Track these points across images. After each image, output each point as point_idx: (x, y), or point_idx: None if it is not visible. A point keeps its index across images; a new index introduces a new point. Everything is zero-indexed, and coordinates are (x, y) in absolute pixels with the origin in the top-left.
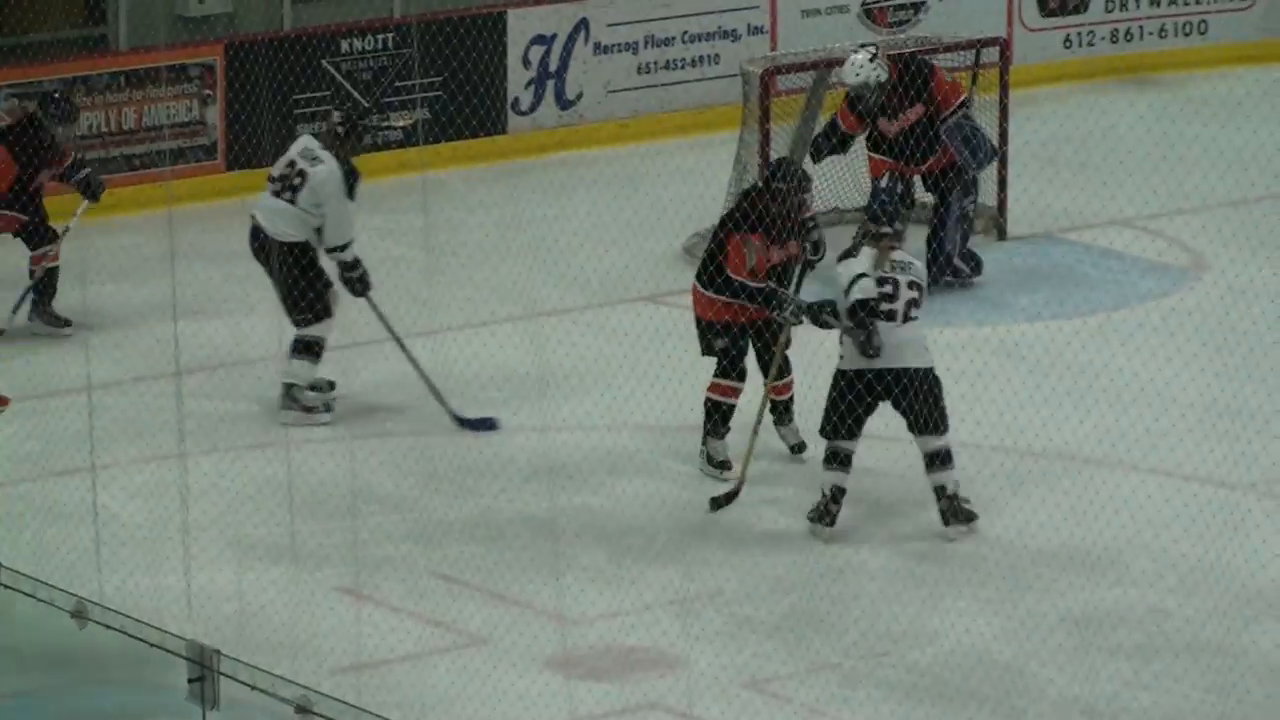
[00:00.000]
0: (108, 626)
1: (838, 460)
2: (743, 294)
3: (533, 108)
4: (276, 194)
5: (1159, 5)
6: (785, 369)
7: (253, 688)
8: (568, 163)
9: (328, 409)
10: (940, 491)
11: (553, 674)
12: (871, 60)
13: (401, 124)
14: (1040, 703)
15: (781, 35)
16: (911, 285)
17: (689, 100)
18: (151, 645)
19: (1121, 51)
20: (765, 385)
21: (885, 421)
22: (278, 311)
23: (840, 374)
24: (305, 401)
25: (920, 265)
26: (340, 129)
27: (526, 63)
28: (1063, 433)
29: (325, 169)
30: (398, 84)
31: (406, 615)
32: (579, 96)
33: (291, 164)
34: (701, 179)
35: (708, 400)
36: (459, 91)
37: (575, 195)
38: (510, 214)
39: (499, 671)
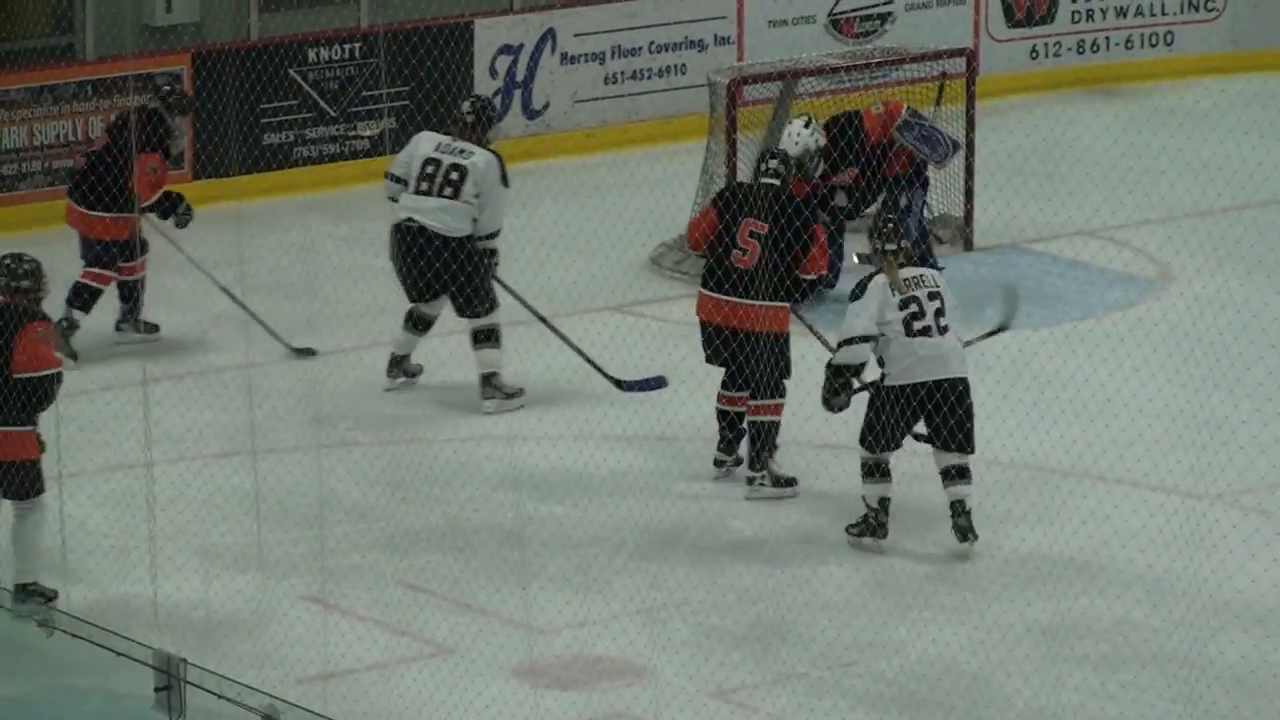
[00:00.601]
0: (75, 635)
1: (879, 472)
2: (812, 291)
3: (500, 117)
4: (428, 193)
5: (1125, 16)
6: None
7: (220, 696)
8: (534, 172)
9: (522, 392)
10: (960, 506)
11: (519, 683)
12: (807, 126)
13: (368, 134)
14: (1007, 713)
15: (748, 45)
16: (931, 296)
17: (656, 110)
18: (118, 654)
19: (1088, 62)
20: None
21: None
22: (240, 321)
23: (884, 389)
24: (506, 389)
25: (932, 273)
26: (469, 117)
27: (493, 73)
28: (1029, 443)
29: (484, 158)
30: (364, 93)
31: (373, 624)
32: (546, 106)
33: (435, 162)
34: (668, 189)
35: (762, 423)
36: (426, 101)
37: (542, 205)
38: None
39: (466, 681)
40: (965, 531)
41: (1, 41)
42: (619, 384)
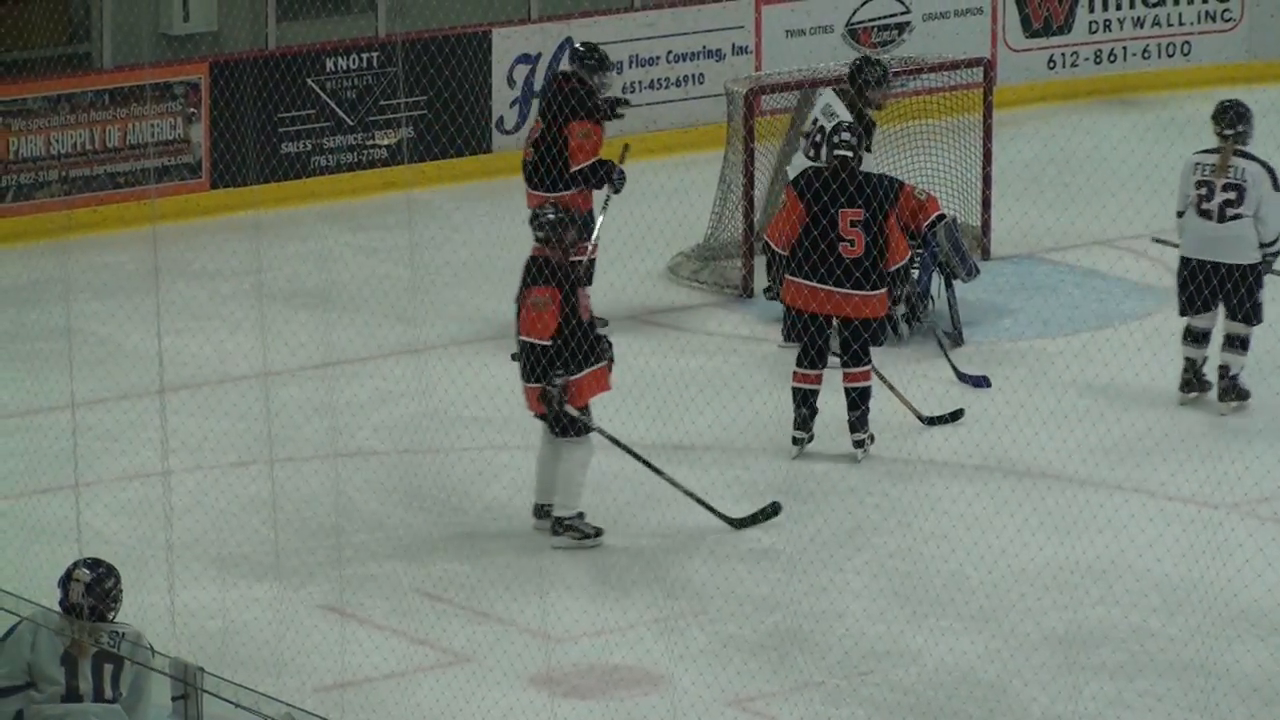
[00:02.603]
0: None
1: (1190, 336)
2: (902, 281)
3: (517, 126)
4: (807, 152)
5: (1142, 26)
6: None
7: (236, 705)
8: None
9: None
10: (1224, 371)
11: (537, 692)
12: None
13: (386, 142)
14: None
15: (766, 55)
16: (1228, 187)
17: (673, 120)
18: (135, 663)
19: (1105, 72)
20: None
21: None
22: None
23: (1181, 260)
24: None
25: (1252, 167)
26: (860, 80)
27: (511, 81)
28: (1046, 452)
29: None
30: (382, 102)
31: (390, 633)
32: None
33: (813, 121)
34: (686, 198)
35: (863, 388)
36: (444, 110)
37: None
38: (494, 232)
39: (483, 689)
40: (1223, 392)
41: (19, 50)
42: (960, 375)
